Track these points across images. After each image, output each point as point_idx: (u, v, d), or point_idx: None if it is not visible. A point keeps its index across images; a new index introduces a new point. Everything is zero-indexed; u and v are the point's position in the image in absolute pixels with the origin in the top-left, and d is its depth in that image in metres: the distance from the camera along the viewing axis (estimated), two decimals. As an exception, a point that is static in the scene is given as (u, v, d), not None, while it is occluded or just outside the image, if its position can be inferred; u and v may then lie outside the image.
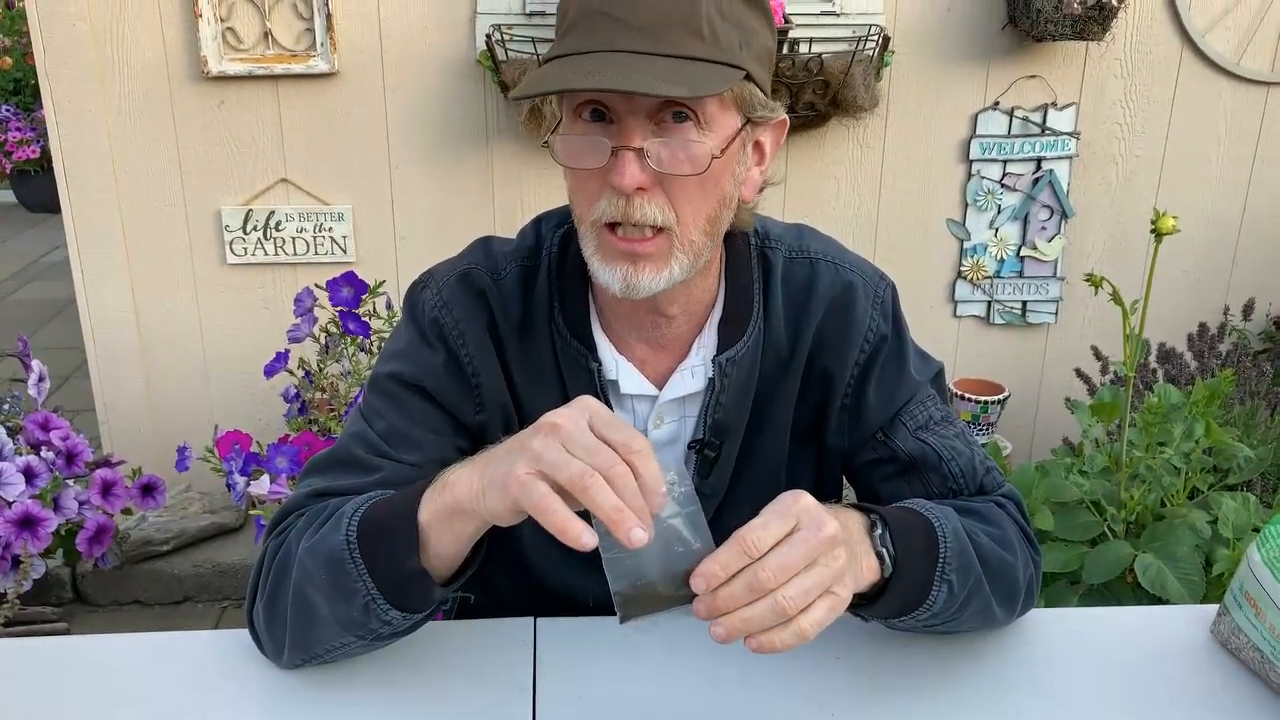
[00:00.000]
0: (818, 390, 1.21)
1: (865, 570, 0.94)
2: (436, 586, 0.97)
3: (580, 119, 1.01)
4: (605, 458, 0.82)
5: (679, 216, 1.02)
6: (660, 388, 1.17)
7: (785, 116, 1.10)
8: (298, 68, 2.84)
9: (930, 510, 1.04)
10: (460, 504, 0.91)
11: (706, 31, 0.96)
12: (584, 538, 0.80)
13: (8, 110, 6.73)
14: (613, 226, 1.02)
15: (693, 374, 1.16)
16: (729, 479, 1.21)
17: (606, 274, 1.05)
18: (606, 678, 1.09)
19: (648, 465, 0.83)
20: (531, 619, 1.17)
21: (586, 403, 0.87)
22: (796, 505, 0.86)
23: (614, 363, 1.15)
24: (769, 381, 1.19)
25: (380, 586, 0.95)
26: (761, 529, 0.84)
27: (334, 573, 0.97)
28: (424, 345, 1.16)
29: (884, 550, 0.96)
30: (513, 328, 1.16)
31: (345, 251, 3.03)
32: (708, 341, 1.16)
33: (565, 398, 1.13)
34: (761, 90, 1.04)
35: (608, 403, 1.15)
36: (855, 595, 0.93)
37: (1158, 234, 1.68)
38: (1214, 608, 1.16)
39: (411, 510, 0.95)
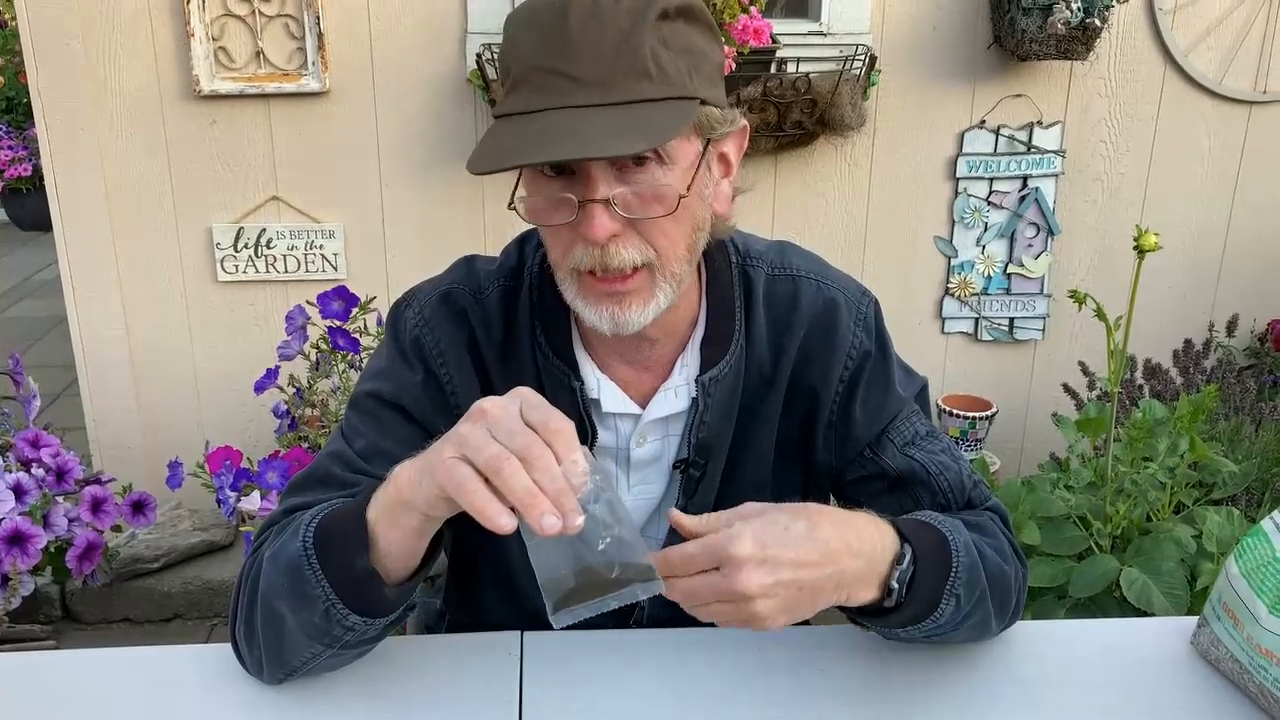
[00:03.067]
0: (802, 408, 1.21)
1: (864, 594, 0.95)
2: (387, 586, 0.96)
3: (542, 175, 1.01)
4: (523, 439, 0.82)
5: (658, 252, 1.02)
6: (643, 406, 1.17)
7: (745, 123, 1.10)
8: (289, 86, 2.86)
9: (942, 523, 1.06)
10: (402, 495, 0.92)
11: (654, 70, 0.95)
12: (500, 519, 0.80)
13: (0, 129, 6.73)
14: (592, 271, 1.03)
15: (676, 394, 1.17)
16: (714, 498, 1.22)
17: (593, 316, 1.05)
18: (592, 692, 1.09)
19: (566, 445, 0.83)
20: (518, 633, 1.17)
21: (520, 390, 0.87)
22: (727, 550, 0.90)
23: (596, 381, 1.16)
24: (752, 400, 1.19)
25: (336, 590, 0.95)
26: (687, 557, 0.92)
27: (295, 579, 0.97)
28: (404, 364, 1.17)
29: (896, 586, 0.97)
30: (494, 347, 1.17)
31: (336, 269, 3.04)
32: (690, 361, 1.17)
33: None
34: (717, 104, 1.04)
35: (591, 421, 1.16)
36: (860, 609, 0.96)
37: (1140, 251, 1.70)
38: (1194, 619, 1.17)
39: (361, 511, 0.95)
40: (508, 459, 0.81)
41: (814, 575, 0.90)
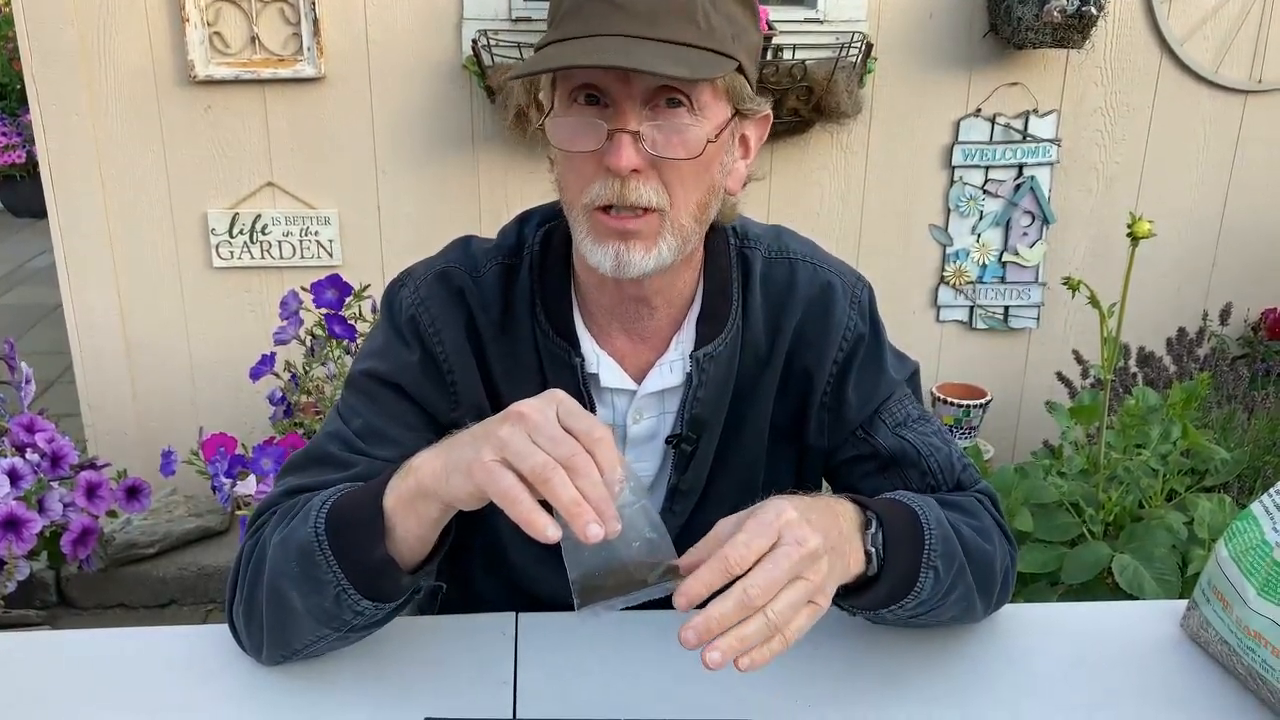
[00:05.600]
0: (797, 389, 1.22)
1: (852, 565, 0.94)
2: (404, 574, 0.97)
3: (575, 103, 1.02)
4: (567, 448, 0.83)
5: (671, 199, 1.03)
6: (639, 383, 1.18)
7: (769, 112, 1.12)
8: (284, 72, 2.85)
9: (912, 499, 1.06)
10: (424, 486, 0.92)
11: (702, 21, 0.98)
12: (549, 531, 0.80)
13: (-7, 115, 6.72)
14: (605, 209, 1.03)
15: (671, 369, 1.18)
16: (706, 476, 1.23)
17: (598, 254, 1.05)
18: (587, 672, 1.10)
19: (607, 454, 0.84)
20: (513, 614, 1.18)
21: (555, 394, 0.88)
22: (779, 521, 0.86)
23: (595, 357, 1.17)
24: (747, 380, 1.20)
25: (349, 576, 0.96)
26: (744, 546, 0.84)
27: (305, 565, 0.97)
28: (400, 343, 1.17)
29: (874, 550, 0.97)
30: (492, 325, 1.18)
31: (331, 255, 3.04)
32: (686, 338, 1.18)
33: (546, 391, 1.14)
34: (750, 83, 1.06)
35: (589, 396, 1.17)
36: (843, 587, 0.94)
37: (1134, 238, 1.71)
38: (1184, 602, 1.18)
39: (376, 498, 0.95)
40: (555, 468, 0.81)
41: (820, 541, 0.88)
